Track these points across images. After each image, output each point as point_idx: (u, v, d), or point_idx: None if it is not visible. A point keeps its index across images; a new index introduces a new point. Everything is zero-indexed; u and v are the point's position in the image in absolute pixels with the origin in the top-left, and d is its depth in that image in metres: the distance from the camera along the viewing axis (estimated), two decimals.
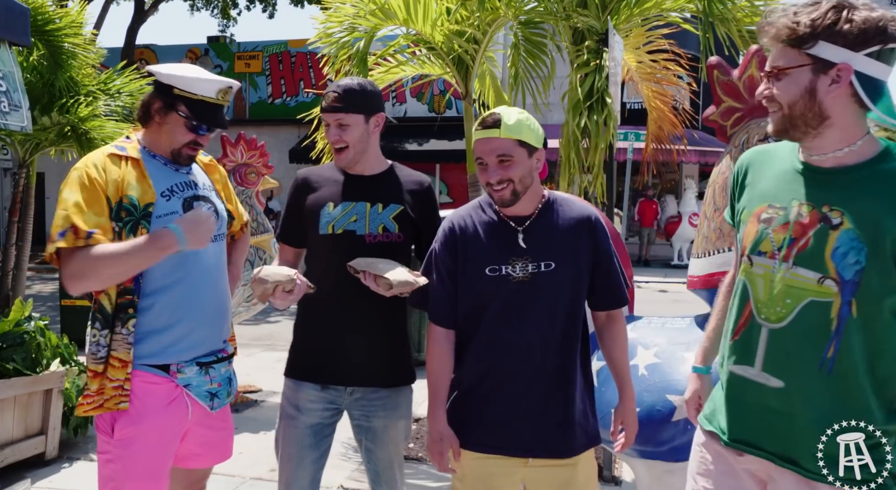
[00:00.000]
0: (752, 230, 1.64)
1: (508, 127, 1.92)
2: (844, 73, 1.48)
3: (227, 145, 4.99)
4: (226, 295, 2.28)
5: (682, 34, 4.86)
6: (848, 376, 1.50)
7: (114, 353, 2.03)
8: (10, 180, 14.31)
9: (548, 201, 2.05)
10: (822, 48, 1.48)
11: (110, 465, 2.05)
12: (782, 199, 1.60)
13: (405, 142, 15.63)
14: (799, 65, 1.51)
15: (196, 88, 2.12)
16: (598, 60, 3.94)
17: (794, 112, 1.53)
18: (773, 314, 1.58)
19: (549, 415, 1.99)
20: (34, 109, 6.10)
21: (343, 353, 2.22)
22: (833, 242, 1.50)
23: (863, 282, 1.47)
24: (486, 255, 1.99)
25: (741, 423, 1.66)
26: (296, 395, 2.27)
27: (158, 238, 2.00)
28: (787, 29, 1.50)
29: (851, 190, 1.51)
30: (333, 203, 2.24)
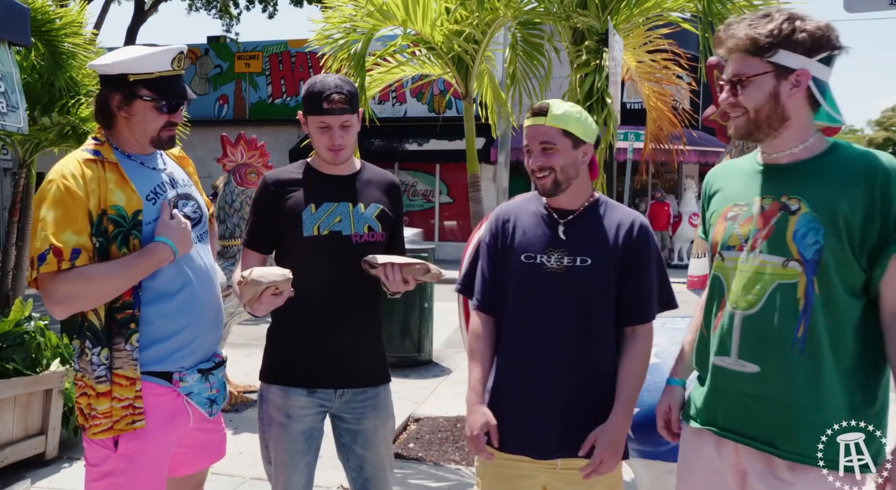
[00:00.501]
0: (721, 228, 1.77)
1: (555, 116, 1.97)
2: (803, 77, 1.63)
3: (227, 145, 4.99)
4: (219, 295, 2.24)
5: (682, 34, 4.86)
6: (816, 354, 1.60)
7: (118, 370, 1.95)
8: (10, 180, 14.30)
9: (596, 201, 2.07)
10: (783, 56, 1.62)
11: (110, 478, 1.98)
12: (745, 197, 1.74)
13: (405, 142, 15.63)
14: (763, 72, 1.64)
15: (151, 66, 1.98)
16: (598, 60, 3.95)
17: (759, 115, 1.67)
18: (744, 302, 1.68)
19: (566, 416, 1.96)
20: (34, 109, 6.11)
21: (331, 356, 2.21)
22: (793, 226, 1.63)
23: (822, 259, 1.59)
24: (525, 242, 2.03)
25: (724, 411, 1.74)
26: (285, 402, 2.21)
27: (154, 253, 1.94)
28: (749, 39, 1.64)
29: (806, 179, 1.65)
30: (314, 204, 2.19)
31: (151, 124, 2.04)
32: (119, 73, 1.99)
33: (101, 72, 2.04)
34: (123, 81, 1.99)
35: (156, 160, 2.14)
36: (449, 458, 4.16)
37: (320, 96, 2.15)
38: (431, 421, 4.79)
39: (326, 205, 2.20)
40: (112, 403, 1.94)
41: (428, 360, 6.57)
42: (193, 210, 2.16)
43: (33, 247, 1.90)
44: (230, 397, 5.09)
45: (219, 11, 19.99)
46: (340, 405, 2.24)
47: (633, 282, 1.98)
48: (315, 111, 2.17)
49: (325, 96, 2.14)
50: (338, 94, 2.14)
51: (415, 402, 5.25)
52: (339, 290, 2.18)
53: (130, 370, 1.95)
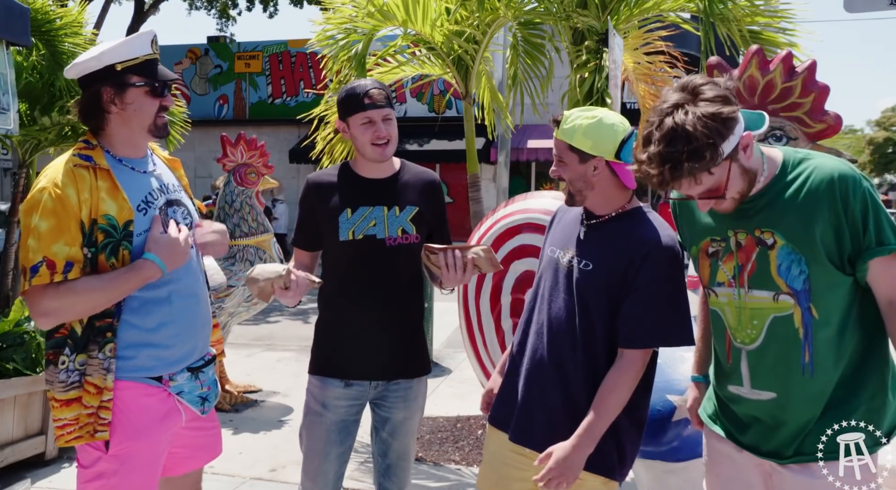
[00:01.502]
0: (706, 264, 1.80)
1: (563, 130, 1.94)
2: (748, 139, 1.62)
3: (227, 145, 4.99)
4: (207, 301, 2.22)
5: (682, 34, 4.86)
6: (824, 371, 1.65)
7: (89, 377, 1.92)
8: (10, 180, 14.31)
9: (628, 212, 1.99)
10: (726, 146, 1.56)
11: (102, 479, 1.97)
12: (720, 231, 1.76)
13: (405, 142, 15.62)
14: (728, 169, 1.60)
15: (135, 51, 1.99)
16: (598, 60, 3.95)
17: (744, 193, 1.65)
18: (746, 337, 1.72)
19: (543, 406, 1.98)
20: (34, 109, 6.11)
21: (366, 350, 2.30)
22: (775, 260, 1.65)
23: (812, 287, 1.62)
24: (556, 237, 2.10)
25: (742, 430, 1.78)
26: (322, 392, 2.33)
27: (141, 270, 1.91)
28: (702, 170, 1.56)
29: (773, 209, 1.66)
30: (350, 208, 2.28)
31: (147, 110, 2.02)
32: (106, 65, 1.97)
33: (85, 70, 2.00)
34: (112, 73, 1.98)
35: (146, 163, 2.11)
36: (449, 458, 4.16)
37: (360, 95, 2.25)
38: (431, 421, 4.79)
39: (362, 209, 2.29)
40: (81, 410, 1.92)
41: None
42: (183, 216, 2.13)
43: (24, 257, 1.87)
44: (230, 397, 5.09)
45: (218, 11, 19.98)
46: (375, 394, 2.35)
47: (630, 303, 1.88)
48: (357, 109, 2.26)
49: (365, 93, 2.25)
50: (376, 89, 2.27)
51: None
52: (375, 290, 2.28)
53: (100, 379, 1.92)
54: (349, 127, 2.30)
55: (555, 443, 1.90)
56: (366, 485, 3.68)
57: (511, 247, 3.40)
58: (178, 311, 2.06)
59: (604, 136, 1.91)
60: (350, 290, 2.30)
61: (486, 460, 2.16)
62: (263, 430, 4.63)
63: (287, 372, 6.17)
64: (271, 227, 5.17)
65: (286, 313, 9.28)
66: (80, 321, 1.94)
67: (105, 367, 1.92)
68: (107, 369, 1.92)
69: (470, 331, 3.60)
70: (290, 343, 7.43)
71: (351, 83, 2.33)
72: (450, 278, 2.14)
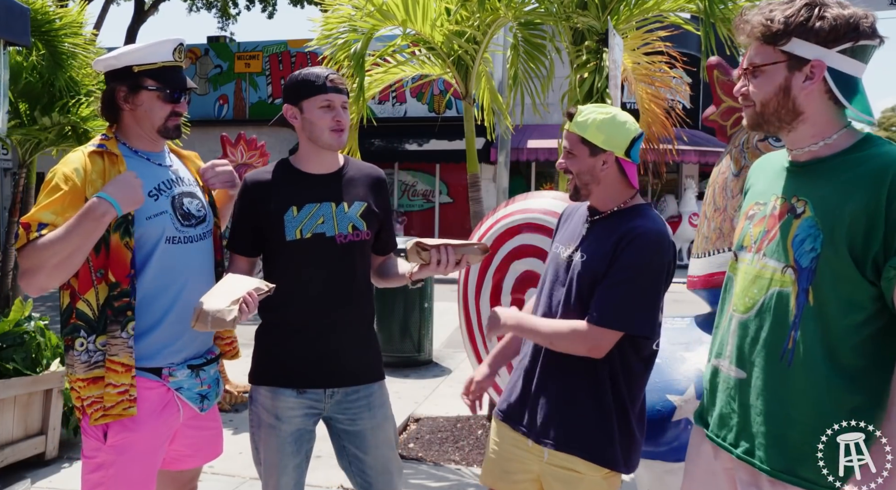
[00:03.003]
0: (740, 228, 1.70)
1: (576, 122, 1.99)
2: (818, 69, 1.48)
3: (227, 145, 4.99)
4: None
5: (682, 34, 4.86)
6: (807, 368, 1.49)
7: (114, 357, 1.97)
8: (10, 180, 14.30)
9: (629, 208, 2.01)
10: (796, 45, 1.48)
11: (101, 470, 2.01)
12: (766, 195, 1.64)
13: (405, 142, 15.63)
14: (774, 61, 1.52)
15: (154, 56, 2.06)
16: (598, 61, 3.95)
17: (766, 109, 1.55)
18: (742, 305, 1.61)
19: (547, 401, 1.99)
20: (34, 109, 6.11)
21: (320, 356, 2.17)
22: (794, 230, 1.51)
23: (818, 269, 1.46)
24: (563, 235, 2.13)
25: (714, 415, 1.69)
26: (273, 403, 2.17)
27: (91, 210, 1.90)
28: (762, 26, 1.51)
29: (820, 179, 1.52)
30: (296, 206, 2.15)
31: (158, 113, 2.08)
32: (124, 65, 2.05)
33: (107, 67, 2.09)
34: (128, 73, 2.05)
35: (163, 157, 2.18)
36: (449, 458, 4.16)
37: (319, 78, 2.14)
38: (431, 421, 4.79)
39: (309, 206, 2.16)
40: (106, 390, 1.97)
41: (428, 360, 6.57)
42: (197, 208, 2.18)
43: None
44: (230, 397, 5.09)
45: (219, 11, 19.99)
46: (332, 406, 2.21)
47: (604, 283, 1.90)
48: (315, 91, 2.13)
49: (326, 77, 2.15)
50: (336, 75, 2.17)
51: (415, 402, 5.25)
52: (326, 292, 2.15)
53: (126, 357, 1.98)
54: (303, 111, 2.15)
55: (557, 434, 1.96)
56: None
57: (511, 247, 3.40)
58: (180, 305, 2.07)
59: (617, 131, 1.95)
60: (300, 293, 2.14)
61: (490, 454, 2.16)
62: None
63: None
64: None
65: None
66: (91, 306, 1.98)
67: (130, 346, 1.99)
68: (132, 347, 1.99)
69: (470, 331, 3.61)
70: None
71: (298, 72, 2.20)
72: (439, 271, 2.10)
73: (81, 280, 2.00)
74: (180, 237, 2.09)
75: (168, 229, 2.07)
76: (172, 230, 2.08)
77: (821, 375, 1.48)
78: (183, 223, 2.11)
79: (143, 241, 2.02)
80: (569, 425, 1.97)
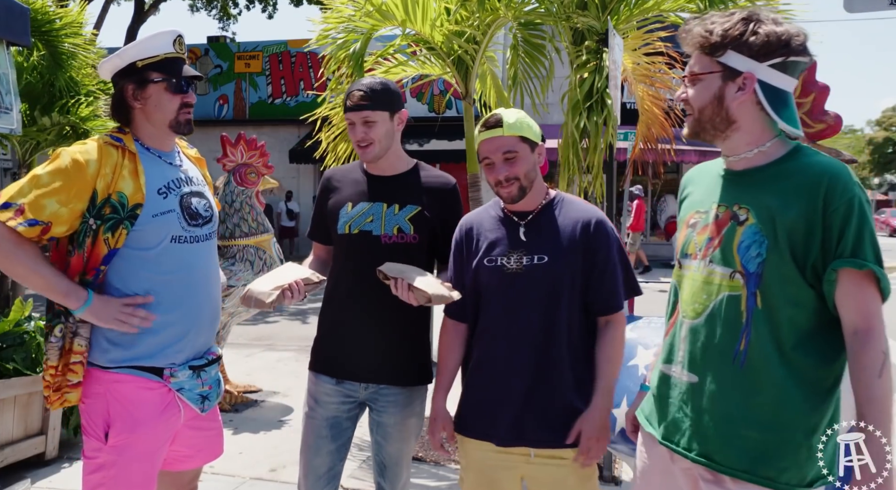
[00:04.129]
0: (682, 235, 1.76)
1: (510, 125, 2.02)
2: (749, 81, 1.58)
3: (227, 145, 4.99)
4: (218, 294, 2.26)
5: None
6: (760, 369, 1.56)
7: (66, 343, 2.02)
8: (10, 180, 14.30)
9: (552, 200, 2.12)
10: (731, 57, 1.58)
11: (102, 471, 2.02)
12: (706, 203, 1.71)
13: (405, 142, 15.45)
14: (710, 71, 1.61)
15: (155, 49, 2.09)
16: (598, 61, 3.94)
17: (703, 116, 1.64)
18: (692, 310, 1.67)
19: (531, 406, 2.02)
20: (34, 109, 6.11)
21: (357, 351, 2.28)
22: (739, 237, 1.59)
23: (765, 273, 1.55)
24: (488, 247, 2.09)
25: (667, 420, 1.72)
26: (315, 387, 2.34)
27: (70, 293, 1.96)
28: (701, 37, 1.61)
29: (758, 187, 1.60)
30: (352, 203, 2.29)
31: (167, 106, 2.10)
32: (128, 62, 2.08)
33: (113, 68, 2.10)
34: (133, 70, 2.08)
35: (173, 157, 2.20)
36: (449, 458, 4.16)
37: (346, 96, 2.27)
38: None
39: (362, 204, 2.28)
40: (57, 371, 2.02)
41: None
42: (205, 208, 2.19)
43: (6, 190, 1.95)
44: (230, 397, 5.09)
45: (219, 12, 19.98)
46: (367, 395, 2.32)
47: (598, 275, 2.03)
48: (345, 110, 2.28)
49: (348, 94, 2.26)
50: (359, 91, 2.24)
51: None
52: (368, 289, 2.20)
53: (70, 343, 2.01)
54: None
55: (550, 436, 2.00)
56: (366, 483, 3.68)
57: None
58: (182, 306, 2.08)
59: (534, 124, 2.07)
60: (343, 287, 2.29)
61: (471, 469, 2.14)
62: (263, 430, 4.63)
63: (287, 372, 6.18)
64: (271, 227, 5.18)
65: (286, 313, 9.28)
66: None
67: (73, 332, 2.01)
68: (74, 333, 2.01)
69: None
70: (290, 343, 7.43)
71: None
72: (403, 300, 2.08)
73: (72, 269, 2.01)
74: (186, 237, 2.10)
75: (174, 228, 2.07)
76: (179, 229, 2.08)
77: (774, 375, 1.55)
78: (190, 223, 2.12)
79: (148, 238, 2.03)
80: (551, 422, 2.01)
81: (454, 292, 2.05)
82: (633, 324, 2.71)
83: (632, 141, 13.25)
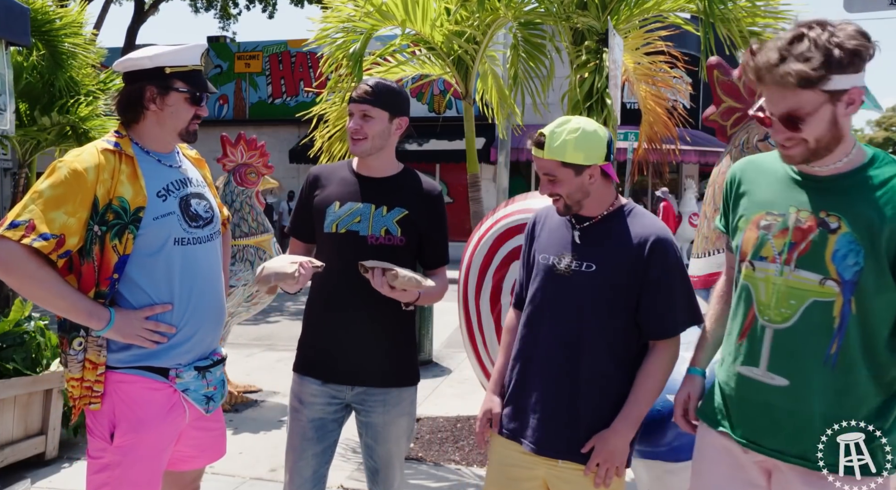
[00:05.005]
0: (752, 236, 1.73)
1: (551, 149, 1.95)
2: (857, 96, 1.58)
3: (227, 145, 4.99)
4: (223, 295, 2.26)
5: (682, 34, 4.86)
6: (849, 369, 1.60)
7: (88, 356, 2.02)
8: (10, 180, 14.31)
9: (619, 210, 2.05)
10: (836, 81, 1.54)
11: (107, 471, 2.02)
12: (780, 206, 1.70)
13: (405, 142, 15.62)
14: (821, 103, 1.56)
15: (186, 59, 2.10)
16: (598, 61, 3.95)
17: (820, 144, 1.60)
18: (778, 315, 1.66)
19: (554, 415, 1.99)
20: (34, 109, 6.11)
21: (343, 352, 2.25)
22: (833, 245, 1.60)
23: (861, 281, 1.57)
24: (546, 244, 2.09)
25: (748, 421, 1.73)
26: (299, 388, 2.32)
27: (92, 313, 1.95)
28: (799, 77, 1.53)
29: (847, 195, 1.62)
30: (339, 202, 2.27)
31: (182, 115, 2.11)
32: (156, 66, 2.08)
33: (137, 67, 2.09)
34: (160, 74, 2.08)
35: (173, 158, 2.19)
36: (449, 458, 4.16)
37: (355, 89, 2.29)
38: (431, 421, 4.79)
39: (350, 204, 2.27)
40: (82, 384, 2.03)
41: (428, 360, 6.57)
42: (205, 210, 2.19)
43: (14, 210, 1.94)
44: (230, 397, 5.09)
45: (219, 12, 19.99)
46: (353, 397, 2.30)
47: (651, 295, 1.95)
48: (349, 102, 2.30)
49: (355, 88, 2.30)
50: (367, 86, 2.27)
51: None
52: (354, 290, 2.20)
53: (94, 355, 2.01)
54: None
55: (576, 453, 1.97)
56: (365, 485, 3.67)
57: (511, 247, 3.39)
58: (188, 307, 2.08)
59: (593, 144, 1.96)
60: (329, 287, 2.27)
61: (493, 465, 2.14)
62: (263, 430, 4.63)
63: (287, 372, 6.12)
64: (271, 227, 5.18)
65: (286, 313, 9.27)
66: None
67: (99, 344, 2.01)
68: (100, 346, 2.01)
69: (470, 331, 3.60)
70: (290, 343, 7.39)
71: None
72: (383, 292, 2.10)
73: (85, 280, 2.00)
74: (188, 238, 2.10)
75: (175, 230, 2.07)
76: (180, 231, 2.08)
77: (861, 376, 1.60)
78: (191, 224, 2.11)
79: (149, 241, 2.02)
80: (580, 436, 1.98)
81: (427, 281, 2.13)
82: None
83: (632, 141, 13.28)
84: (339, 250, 2.24)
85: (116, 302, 2.03)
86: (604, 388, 1.98)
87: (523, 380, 2.06)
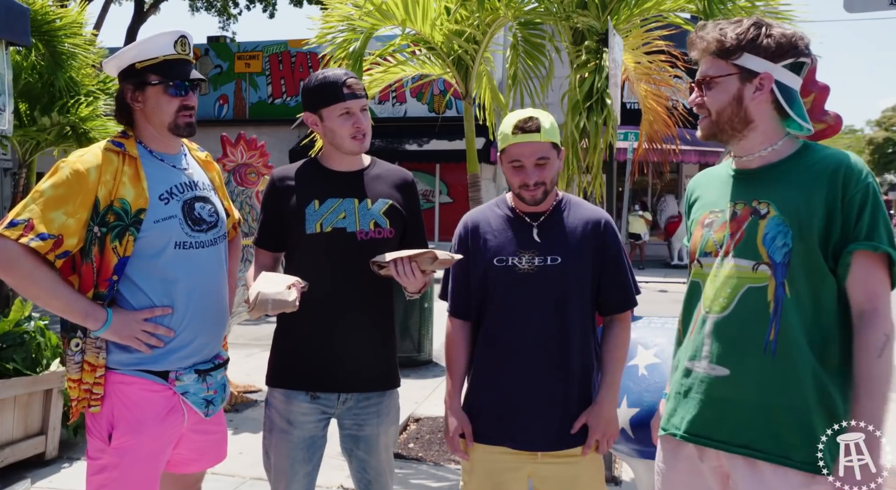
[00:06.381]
0: (698, 235, 1.80)
1: (546, 131, 2.02)
2: (766, 81, 1.67)
3: (227, 145, 4.99)
4: (226, 300, 2.24)
5: (682, 34, 4.85)
6: (790, 356, 1.60)
7: (86, 358, 2.00)
8: (10, 180, 14.30)
9: (561, 200, 2.14)
10: (747, 59, 1.67)
11: (105, 472, 2.01)
12: (720, 203, 1.77)
13: (405, 142, 15.63)
14: (727, 74, 1.69)
15: (152, 51, 2.05)
16: (598, 60, 3.94)
17: (721, 118, 1.71)
18: (717, 305, 1.70)
19: (546, 408, 2.02)
20: (34, 109, 6.11)
21: (336, 359, 2.15)
22: (763, 230, 1.65)
23: (792, 263, 1.61)
24: (497, 247, 2.08)
25: (695, 415, 1.73)
26: (287, 407, 2.15)
27: (89, 313, 1.94)
28: (717, 41, 1.68)
29: (775, 183, 1.68)
30: (318, 200, 2.14)
31: (165, 109, 2.07)
32: (128, 64, 2.06)
33: (115, 68, 2.09)
34: (131, 71, 2.06)
35: (179, 159, 2.16)
36: (449, 458, 4.16)
37: (337, 84, 2.12)
38: (431, 421, 4.79)
39: (331, 201, 2.15)
40: (80, 386, 2.02)
41: (428, 360, 6.57)
42: (210, 213, 2.16)
43: (15, 209, 1.94)
44: (230, 397, 5.09)
45: (218, 12, 19.99)
46: (343, 411, 2.19)
47: (611, 274, 2.09)
48: (335, 99, 2.12)
49: (343, 83, 2.13)
50: (352, 78, 2.15)
51: (415, 403, 5.24)
52: (344, 290, 2.12)
53: (93, 357, 2.00)
54: (322, 119, 2.15)
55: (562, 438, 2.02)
56: None
57: None
58: (189, 310, 2.07)
59: (556, 125, 2.07)
60: (320, 290, 2.08)
61: (476, 472, 2.12)
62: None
63: None
64: None
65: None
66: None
67: (98, 346, 1.99)
68: (99, 348, 2.00)
69: None
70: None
71: (318, 73, 2.18)
72: (410, 284, 2.01)
73: (84, 281, 2.00)
74: (191, 242, 2.07)
75: (176, 234, 2.04)
76: (181, 235, 2.05)
77: (804, 361, 1.60)
78: (193, 228, 2.08)
79: (150, 244, 2.00)
80: (564, 424, 2.03)
81: (456, 255, 2.06)
82: (634, 324, 2.70)
83: (632, 141, 13.28)
84: (327, 251, 2.12)
85: (117, 303, 2.01)
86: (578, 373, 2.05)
87: (499, 381, 2.06)
